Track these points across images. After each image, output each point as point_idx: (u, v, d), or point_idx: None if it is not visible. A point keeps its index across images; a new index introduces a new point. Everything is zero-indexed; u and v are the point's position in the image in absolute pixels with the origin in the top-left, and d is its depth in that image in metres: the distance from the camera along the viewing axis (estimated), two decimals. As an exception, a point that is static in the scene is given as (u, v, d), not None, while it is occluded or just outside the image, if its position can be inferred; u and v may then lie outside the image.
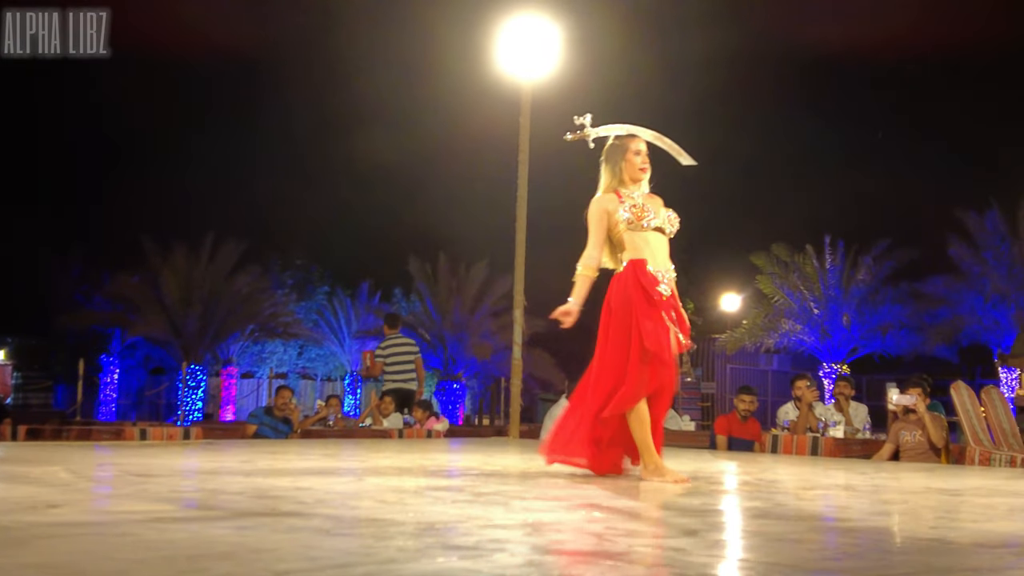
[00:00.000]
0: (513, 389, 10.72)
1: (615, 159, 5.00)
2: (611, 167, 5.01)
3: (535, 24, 10.94)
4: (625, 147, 4.99)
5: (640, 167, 4.98)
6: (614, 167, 5.00)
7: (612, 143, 5.06)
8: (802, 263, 26.01)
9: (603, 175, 5.06)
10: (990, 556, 2.52)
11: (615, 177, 5.00)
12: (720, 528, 3.01)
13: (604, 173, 5.05)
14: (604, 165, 5.05)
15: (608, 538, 2.65)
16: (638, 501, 3.79)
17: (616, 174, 5.00)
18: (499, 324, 23.96)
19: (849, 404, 9.48)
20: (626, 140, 5.03)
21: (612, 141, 5.06)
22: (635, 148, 5.00)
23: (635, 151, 4.99)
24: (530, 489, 4.18)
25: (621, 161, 4.98)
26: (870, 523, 3.28)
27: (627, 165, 4.97)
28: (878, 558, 2.45)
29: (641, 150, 5.01)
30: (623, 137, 5.05)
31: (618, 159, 4.98)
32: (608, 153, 5.05)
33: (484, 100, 15.46)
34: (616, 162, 4.99)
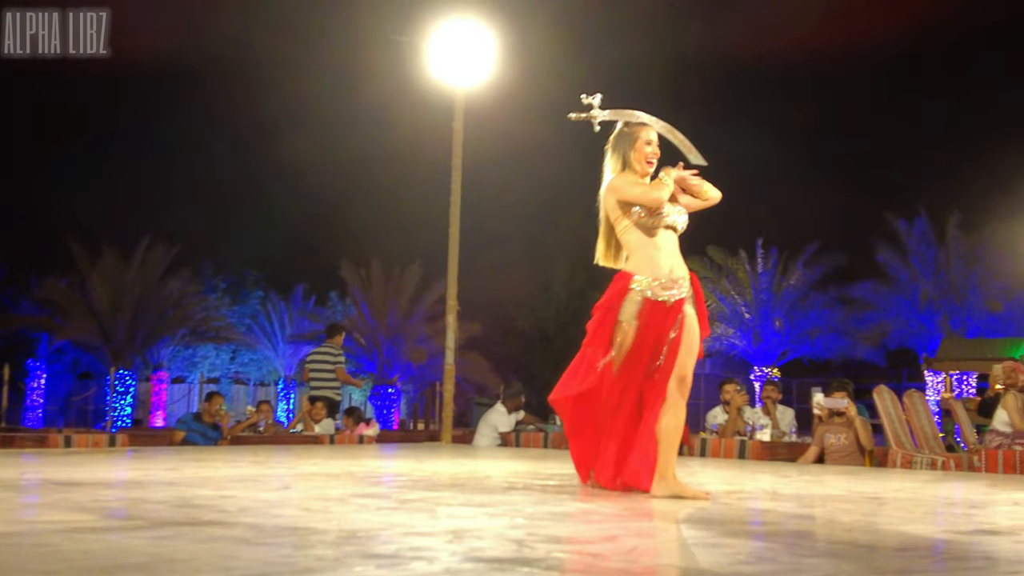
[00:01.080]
0: (446, 394, 10.72)
1: (623, 147, 4.67)
2: (619, 156, 4.68)
3: (468, 30, 10.96)
4: (635, 136, 4.67)
5: (649, 158, 4.65)
6: (622, 156, 4.67)
7: (621, 130, 4.73)
8: (735, 268, 26.37)
9: (610, 163, 4.72)
10: (901, 559, 2.59)
11: (624, 166, 4.67)
12: (640, 533, 3.05)
13: (610, 161, 4.72)
14: (611, 153, 4.72)
15: (528, 544, 2.67)
16: (564, 506, 3.82)
17: (625, 163, 4.66)
18: (434, 328, 23.92)
19: (776, 408, 9.62)
20: (636, 128, 4.70)
21: (621, 128, 4.74)
22: (646, 137, 4.67)
23: (646, 140, 4.66)
24: (457, 495, 4.19)
25: (630, 150, 4.65)
26: (788, 527, 3.35)
27: (636, 155, 4.64)
28: (791, 562, 2.51)
29: (652, 140, 4.68)
30: (633, 125, 4.72)
31: (627, 148, 4.66)
32: (616, 140, 4.72)
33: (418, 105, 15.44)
34: (624, 151, 4.66)
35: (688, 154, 4.82)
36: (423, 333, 24.63)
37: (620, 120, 4.76)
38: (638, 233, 4.55)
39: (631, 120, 4.73)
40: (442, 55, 11.03)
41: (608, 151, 4.73)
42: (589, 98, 4.81)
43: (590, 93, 4.86)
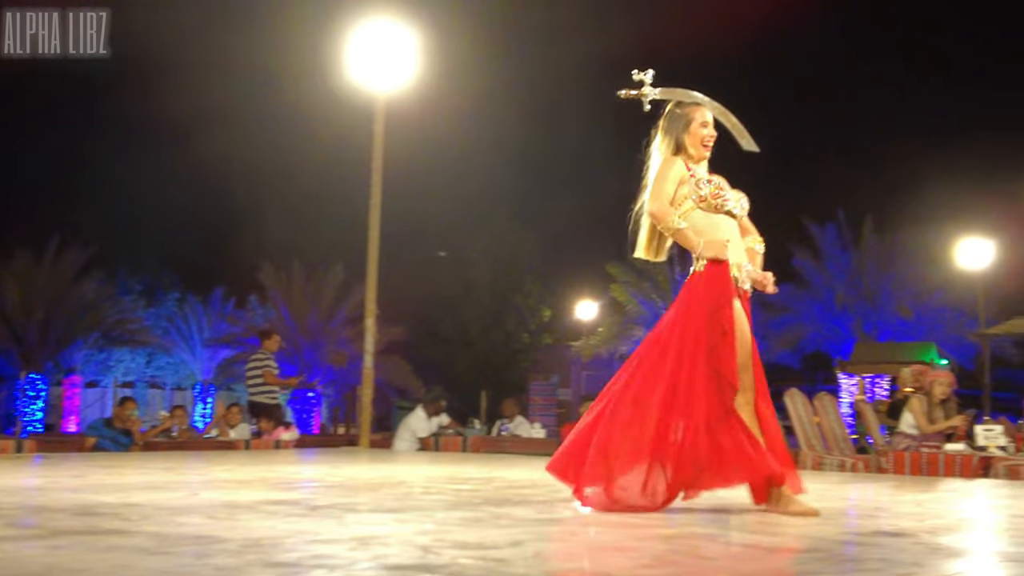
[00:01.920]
0: (364, 398, 10.65)
1: (677, 129, 4.29)
2: (672, 138, 4.30)
3: (390, 33, 10.92)
4: (690, 117, 4.29)
5: (705, 141, 4.28)
6: (676, 138, 4.29)
7: (674, 111, 4.34)
8: (655, 272, 26.65)
9: (661, 146, 4.34)
10: (801, 561, 2.64)
11: (677, 150, 4.29)
12: (548, 538, 3.06)
13: (662, 144, 4.33)
14: (663, 135, 4.34)
15: (434, 550, 2.67)
16: (476, 511, 3.81)
17: (678, 146, 4.29)
18: (356, 331, 23.72)
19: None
20: (691, 109, 4.32)
21: (674, 108, 4.35)
22: (701, 119, 4.30)
23: (702, 122, 4.29)
24: (368, 501, 4.17)
25: (684, 133, 4.27)
26: (694, 530, 3.39)
27: (691, 138, 4.27)
28: (692, 564, 2.54)
29: (708, 121, 4.32)
30: (687, 105, 4.34)
31: (680, 130, 4.28)
32: (669, 121, 4.33)
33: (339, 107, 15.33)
34: (678, 133, 4.29)
35: (740, 139, 4.52)
36: (344, 336, 24.45)
37: (672, 99, 4.41)
38: (701, 215, 4.16)
39: (685, 100, 4.38)
40: (363, 57, 10.97)
41: (658, 133, 4.36)
42: (640, 74, 4.44)
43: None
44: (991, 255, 21.45)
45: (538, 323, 29.66)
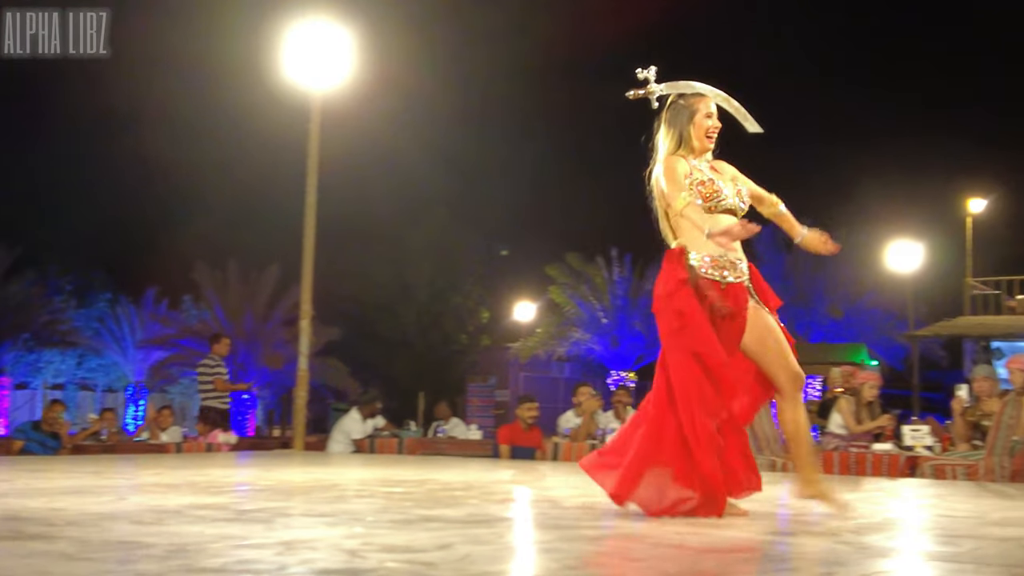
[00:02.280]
0: (298, 401, 10.58)
1: (681, 121, 4.23)
2: (676, 131, 4.24)
3: (325, 31, 10.86)
4: (694, 108, 4.24)
5: (710, 132, 4.24)
6: (680, 131, 4.23)
7: (677, 103, 4.28)
8: (593, 274, 26.82)
9: (664, 140, 4.27)
10: (717, 561, 2.68)
11: (681, 143, 4.23)
12: (477, 540, 3.07)
13: (666, 138, 4.26)
14: (666, 128, 4.27)
15: (361, 554, 2.67)
16: (407, 514, 3.81)
17: (682, 139, 4.23)
18: (292, 333, 23.42)
19: (627, 411, 9.82)
20: (694, 100, 4.27)
21: (676, 100, 4.29)
22: (706, 110, 4.25)
23: (706, 113, 4.24)
24: (298, 505, 4.15)
25: (689, 124, 4.22)
26: (622, 531, 3.43)
27: (696, 129, 4.22)
28: (617, 565, 2.57)
29: (712, 112, 4.26)
30: (690, 96, 4.29)
31: (685, 122, 4.23)
32: (672, 114, 4.27)
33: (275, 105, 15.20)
34: (683, 125, 4.23)
35: (744, 123, 4.47)
36: (281, 337, 24.20)
37: (674, 92, 4.34)
38: (696, 209, 4.08)
39: (686, 92, 4.32)
40: (299, 56, 10.89)
41: (661, 126, 4.29)
42: (644, 72, 4.37)
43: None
44: (920, 258, 21.92)
45: (476, 324, 29.66)
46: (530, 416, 9.67)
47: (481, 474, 6.55)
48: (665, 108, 4.29)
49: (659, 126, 4.30)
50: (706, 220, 4.00)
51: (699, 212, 4.03)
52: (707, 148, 4.24)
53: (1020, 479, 7.42)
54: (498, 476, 6.50)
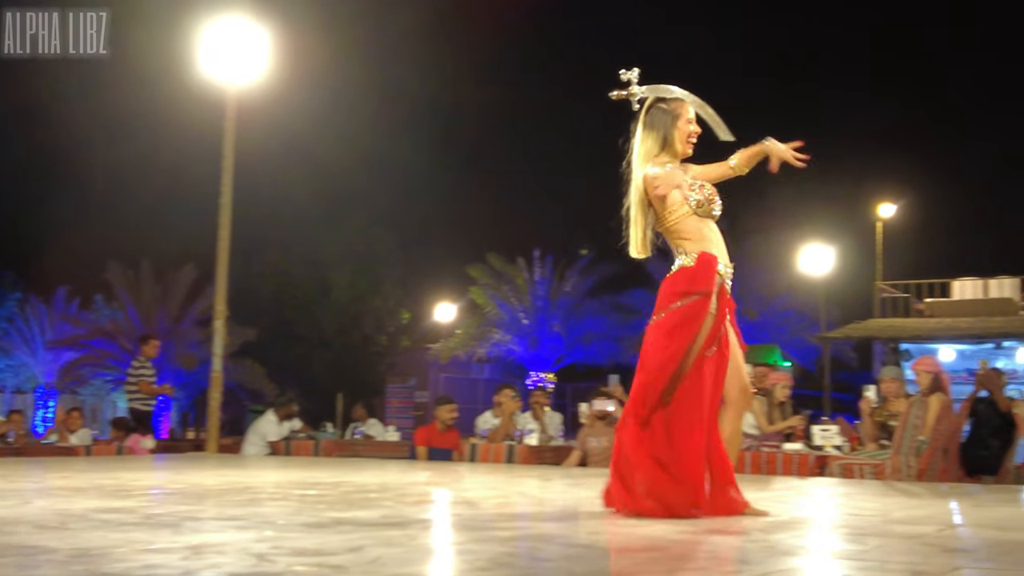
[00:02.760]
0: (212, 402, 10.41)
1: (663, 125, 4.19)
2: (657, 135, 4.19)
3: (241, 27, 10.71)
4: (677, 112, 4.22)
5: (691, 137, 4.23)
6: (664, 134, 4.19)
7: (658, 106, 4.23)
8: (514, 275, 26.90)
9: (644, 143, 4.20)
10: (629, 560, 2.71)
11: (664, 146, 4.18)
12: (389, 543, 3.05)
13: (646, 141, 4.20)
14: (647, 132, 4.21)
15: (269, 558, 2.64)
16: (319, 517, 3.78)
17: (665, 143, 4.18)
18: (207, 333, 23.12)
19: (544, 412, 9.87)
20: (676, 104, 4.23)
21: (657, 104, 4.24)
22: (688, 115, 4.23)
23: (688, 118, 4.22)
24: (208, 508, 4.08)
25: (672, 128, 4.19)
26: (533, 531, 3.44)
27: (679, 134, 4.19)
28: (526, 566, 2.58)
29: (693, 117, 4.25)
30: (671, 101, 4.25)
31: (668, 126, 4.19)
32: (654, 118, 4.22)
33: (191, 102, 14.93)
34: (665, 129, 4.19)
35: (717, 130, 4.38)
36: (195, 338, 23.84)
37: (655, 95, 4.28)
38: (696, 220, 4.11)
39: (667, 96, 4.28)
40: (214, 52, 10.73)
41: (640, 129, 4.23)
42: (628, 73, 4.30)
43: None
44: (832, 261, 22.38)
45: (396, 325, 29.52)
46: (450, 417, 9.65)
47: (397, 476, 6.52)
48: (644, 111, 4.24)
49: (636, 129, 4.25)
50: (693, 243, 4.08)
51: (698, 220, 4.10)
52: (687, 153, 4.25)
53: (925, 478, 7.62)
54: (414, 478, 6.48)
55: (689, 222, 4.11)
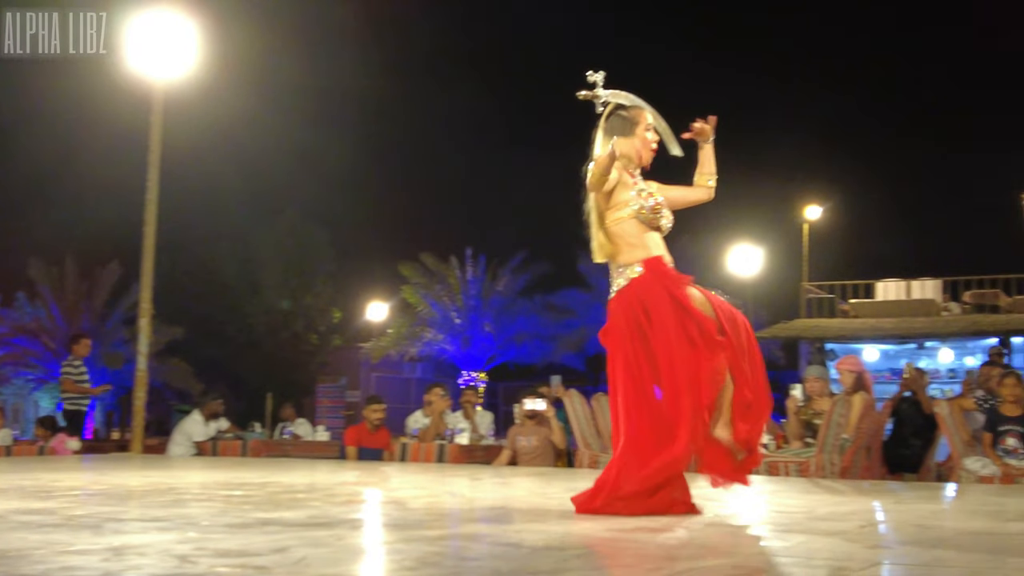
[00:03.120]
0: (137, 402, 10.24)
1: (622, 132, 4.14)
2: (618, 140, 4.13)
3: (170, 20, 10.55)
4: (637, 120, 4.17)
5: (651, 145, 4.19)
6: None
7: (618, 113, 4.19)
8: (446, 274, 26.86)
9: (603, 149, 4.11)
10: (555, 558, 2.71)
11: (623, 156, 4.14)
12: (315, 543, 3.02)
13: (605, 147, 4.10)
14: (606, 138, 4.14)
15: (192, 559, 2.59)
16: (244, 517, 3.73)
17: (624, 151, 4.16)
18: (133, 332, 22.74)
19: (475, 411, 9.88)
20: (637, 113, 4.19)
21: (618, 111, 4.19)
22: (648, 123, 4.19)
23: (647, 127, 4.18)
24: (131, 509, 4.01)
25: (632, 136, 4.16)
26: (462, 530, 3.44)
27: (639, 142, 4.17)
28: (453, 565, 2.57)
29: (652, 126, 4.21)
30: (632, 109, 4.20)
31: (628, 133, 4.15)
32: (614, 124, 4.17)
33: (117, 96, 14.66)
34: (625, 136, 4.15)
35: (669, 143, 4.34)
36: (121, 336, 23.45)
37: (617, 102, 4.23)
38: (634, 224, 4.08)
39: (628, 104, 4.23)
40: (141, 45, 10.54)
41: (600, 134, 4.19)
42: (594, 75, 4.23)
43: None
44: (760, 262, 22.71)
45: (328, 324, 29.30)
46: (377, 417, 9.59)
47: (326, 476, 6.47)
48: (604, 117, 4.21)
49: (596, 135, 4.22)
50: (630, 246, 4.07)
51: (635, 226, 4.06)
52: (645, 163, 4.22)
53: (848, 476, 7.77)
54: (343, 478, 6.44)
55: (625, 226, 4.09)
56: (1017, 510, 4.82)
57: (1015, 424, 7.80)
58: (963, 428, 8.18)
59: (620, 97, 4.24)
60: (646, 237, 4.09)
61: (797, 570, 2.61)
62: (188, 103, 12.67)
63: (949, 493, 6.27)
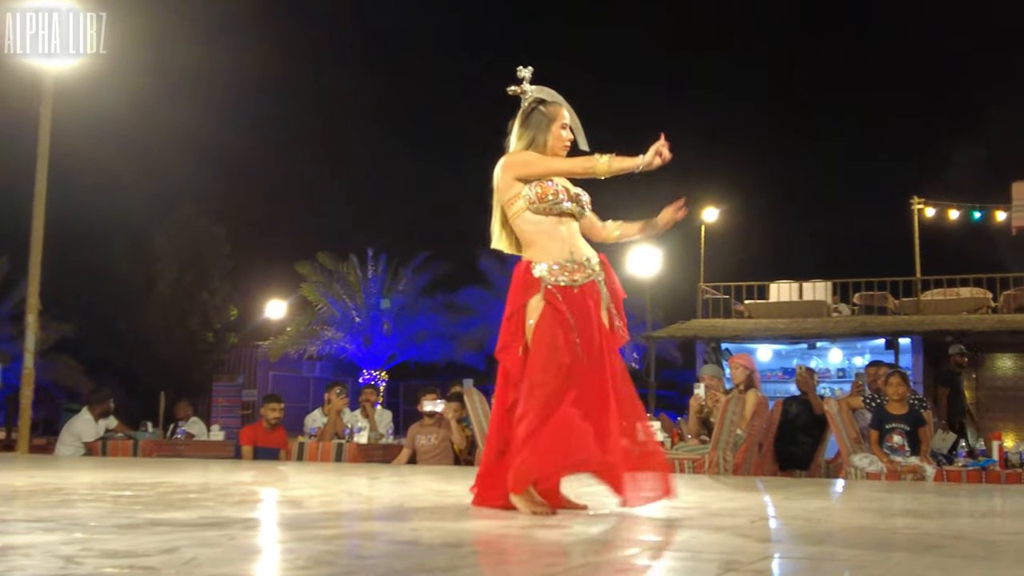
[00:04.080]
0: (23, 400, 9.94)
1: (539, 128, 4.16)
2: (531, 136, 4.16)
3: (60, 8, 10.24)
4: (554, 116, 4.17)
5: (566, 142, 4.19)
6: (537, 137, 4.16)
7: (538, 108, 4.19)
8: (346, 272, 26.63)
9: (518, 142, 4.18)
10: (450, 555, 2.71)
11: (532, 148, 4.15)
12: (206, 543, 2.97)
13: (519, 141, 4.18)
14: (522, 131, 4.18)
15: (78, 560, 2.52)
16: (133, 518, 3.64)
17: (534, 144, 4.16)
18: (20, 329, 22.07)
19: (375, 410, 9.81)
20: (555, 109, 4.20)
21: (537, 106, 4.20)
22: (564, 120, 4.20)
23: (562, 123, 4.19)
24: (15, 510, 3.88)
25: (546, 132, 4.15)
26: (357, 528, 3.41)
27: (553, 138, 4.15)
28: (347, 563, 2.55)
29: (567, 123, 4.21)
30: (550, 104, 4.21)
31: (543, 128, 4.15)
32: (530, 119, 4.18)
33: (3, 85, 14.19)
34: (540, 131, 4.15)
35: (578, 137, 4.30)
36: (7, 333, 22.70)
37: (538, 96, 4.25)
38: (532, 219, 4.06)
39: (547, 99, 4.24)
40: (30, 32, 10.22)
41: (516, 128, 4.21)
42: (523, 71, 4.27)
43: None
44: (658, 263, 23.03)
45: (224, 322, 28.79)
46: (275, 416, 9.48)
47: (220, 476, 6.36)
48: (522, 112, 4.23)
49: (512, 127, 4.23)
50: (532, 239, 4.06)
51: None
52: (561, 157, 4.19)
53: (741, 472, 7.93)
54: (238, 477, 6.33)
55: (524, 223, 4.08)
56: (902, 506, 4.99)
57: (901, 422, 8.06)
58: (851, 426, 8.42)
59: (543, 93, 4.27)
60: (545, 231, 4.06)
61: (690, 563, 2.66)
62: (80, 93, 12.32)
63: (837, 489, 6.45)
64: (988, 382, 17.31)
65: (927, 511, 4.62)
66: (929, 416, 8.37)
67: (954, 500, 5.44)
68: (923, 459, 7.88)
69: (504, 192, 4.10)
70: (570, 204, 4.10)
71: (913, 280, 19.52)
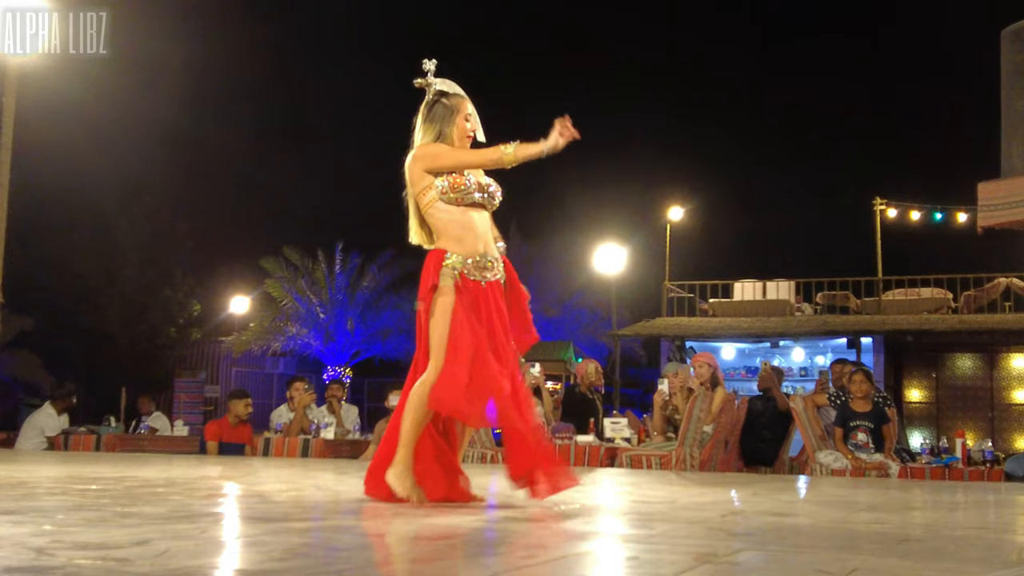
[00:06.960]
0: (-16, 394, 9.79)
1: (441, 120, 4.20)
2: (436, 128, 4.19)
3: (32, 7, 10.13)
4: (457, 108, 4.22)
5: (469, 133, 4.24)
6: (443, 129, 4.19)
7: (441, 101, 4.23)
8: (312, 269, 26.50)
9: (424, 136, 4.21)
10: (423, 547, 2.71)
11: (437, 140, 4.19)
12: (178, 536, 2.95)
13: (426, 136, 4.20)
14: (426, 125, 4.21)
15: (49, 552, 2.49)
16: (102, 511, 3.60)
17: (440, 137, 4.19)
18: (-19, 323, 21.79)
19: (341, 406, 9.77)
20: (457, 101, 4.24)
21: (440, 99, 4.24)
22: (468, 111, 4.25)
23: (466, 115, 4.24)
24: (-21, 503, 3.83)
25: (450, 124, 4.20)
26: (330, 522, 3.40)
27: (457, 130, 4.20)
28: (322, 556, 2.54)
29: (471, 114, 4.26)
30: (453, 96, 4.25)
31: (448, 121, 4.20)
32: (435, 112, 4.22)
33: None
34: (445, 123, 4.19)
35: (477, 128, 4.33)
36: (-34, 328, 22.37)
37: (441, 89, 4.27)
38: (444, 210, 4.09)
39: (449, 91, 4.27)
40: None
41: (420, 121, 4.24)
42: (428, 64, 4.29)
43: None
44: (624, 261, 23.11)
45: (187, 317, 28.52)
46: (243, 412, 9.42)
47: (186, 471, 6.31)
48: (425, 105, 4.25)
49: (416, 122, 4.25)
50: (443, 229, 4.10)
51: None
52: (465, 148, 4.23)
53: (707, 468, 7.98)
54: (204, 472, 6.29)
55: (436, 214, 4.11)
56: (867, 501, 5.04)
57: (864, 419, 8.14)
58: (816, 423, 8.50)
59: (445, 85, 4.29)
60: (452, 227, 4.10)
61: (666, 555, 2.67)
62: (43, 82, 12.17)
63: (803, 485, 6.50)
64: (948, 381, 17.53)
65: (894, 506, 4.68)
66: (893, 413, 8.47)
67: (919, 496, 5.51)
68: (887, 456, 7.97)
69: (416, 184, 4.14)
70: (480, 195, 4.15)
71: (875, 280, 19.73)
